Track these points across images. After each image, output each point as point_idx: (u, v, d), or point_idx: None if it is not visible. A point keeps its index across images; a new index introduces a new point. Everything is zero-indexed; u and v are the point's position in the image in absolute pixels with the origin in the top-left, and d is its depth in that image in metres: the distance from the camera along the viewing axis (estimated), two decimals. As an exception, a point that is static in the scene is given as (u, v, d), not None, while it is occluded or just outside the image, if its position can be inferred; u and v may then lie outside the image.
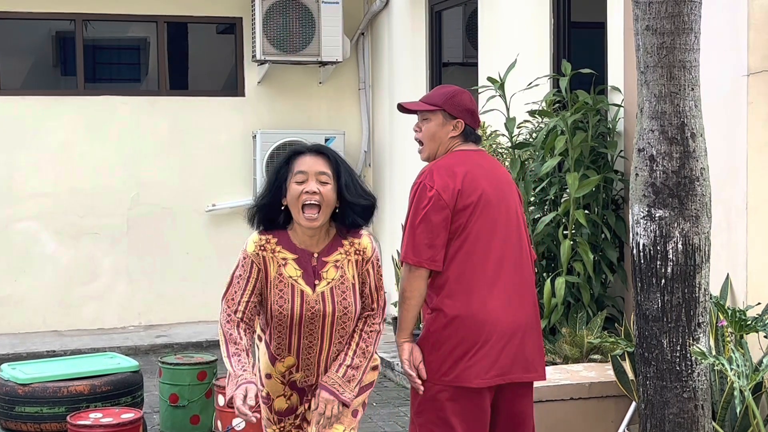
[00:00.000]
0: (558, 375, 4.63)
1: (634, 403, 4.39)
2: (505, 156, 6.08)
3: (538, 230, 5.58)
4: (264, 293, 3.43)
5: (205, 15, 9.51)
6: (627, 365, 4.45)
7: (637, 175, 3.72)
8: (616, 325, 5.49)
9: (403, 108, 3.93)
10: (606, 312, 5.46)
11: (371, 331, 3.50)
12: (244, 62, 9.53)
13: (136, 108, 9.24)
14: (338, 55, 9.22)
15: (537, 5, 6.57)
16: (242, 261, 3.41)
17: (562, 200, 5.66)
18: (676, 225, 3.63)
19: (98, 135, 9.14)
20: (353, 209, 3.38)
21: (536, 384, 4.45)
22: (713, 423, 3.86)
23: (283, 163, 3.42)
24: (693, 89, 3.64)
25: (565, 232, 5.59)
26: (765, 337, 4.18)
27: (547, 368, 4.85)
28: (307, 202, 3.31)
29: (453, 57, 8.85)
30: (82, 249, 9.16)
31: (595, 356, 5.11)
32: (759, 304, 4.43)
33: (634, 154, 3.74)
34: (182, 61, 10.04)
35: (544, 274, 5.72)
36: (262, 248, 3.39)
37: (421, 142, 3.88)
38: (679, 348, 3.67)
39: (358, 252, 3.43)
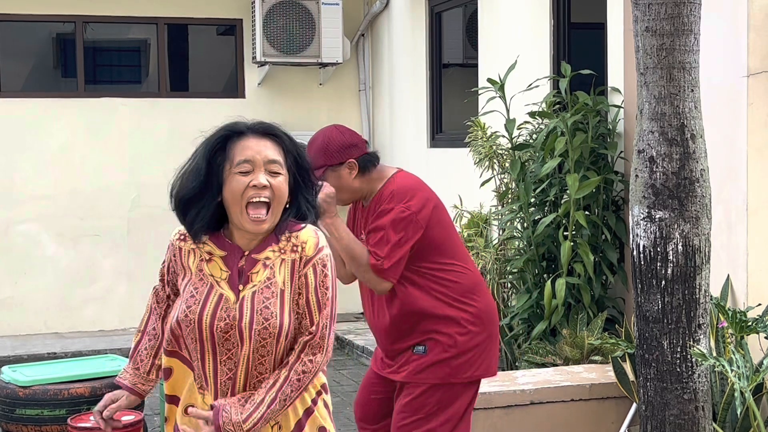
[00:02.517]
0: (558, 376, 4.63)
1: (634, 405, 4.39)
2: (505, 157, 6.08)
3: (539, 231, 5.58)
4: (176, 288, 2.76)
5: (205, 17, 9.51)
6: (627, 367, 4.45)
7: (637, 176, 3.71)
8: (616, 326, 5.49)
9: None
10: (606, 313, 5.46)
11: (303, 371, 2.60)
12: (244, 64, 9.54)
13: (136, 109, 9.24)
14: (338, 57, 9.22)
15: (537, 6, 6.57)
16: (167, 250, 2.80)
17: (563, 201, 5.66)
18: (676, 226, 3.63)
19: (99, 137, 9.14)
20: (307, 206, 2.68)
21: (537, 386, 4.46)
22: (714, 424, 3.86)
23: (216, 145, 2.64)
24: (693, 90, 3.64)
25: (565, 233, 5.59)
26: (765, 338, 4.18)
27: (547, 369, 4.88)
28: (254, 199, 2.56)
29: (453, 58, 8.85)
30: (83, 251, 9.16)
31: (596, 357, 5.11)
32: (759, 305, 4.43)
33: (634, 155, 3.74)
34: (182, 63, 10.05)
35: (545, 275, 5.72)
36: (183, 239, 2.71)
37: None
38: (679, 349, 3.67)
39: (295, 248, 2.62)
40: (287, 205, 2.65)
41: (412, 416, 3.82)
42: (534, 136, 5.89)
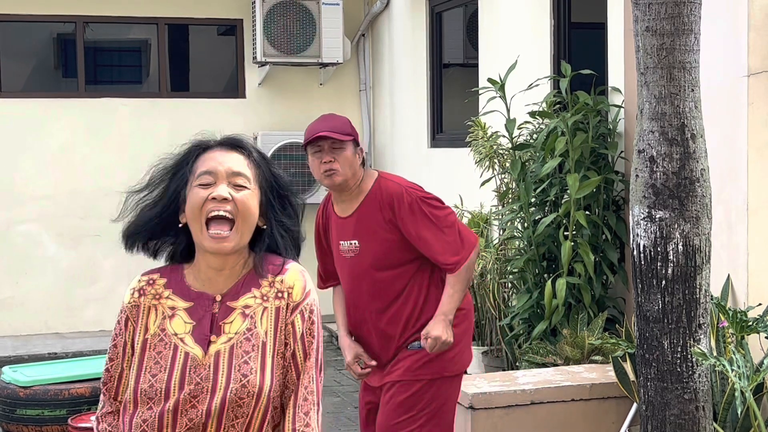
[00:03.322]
0: (559, 376, 4.63)
1: (635, 405, 4.39)
2: (505, 157, 6.08)
3: (539, 231, 5.58)
4: (133, 362, 2.30)
5: (205, 17, 9.52)
6: (628, 366, 4.45)
7: (637, 176, 3.71)
8: (617, 326, 5.49)
9: (314, 139, 3.91)
10: (607, 313, 5.46)
11: None
12: (244, 64, 9.54)
13: (136, 110, 9.24)
14: (339, 57, 9.22)
15: (537, 6, 6.57)
16: (117, 323, 2.36)
17: (563, 201, 5.66)
18: (676, 226, 3.63)
19: (99, 137, 9.14)
20: (281, 231, 2.36)
21: (538, 386, 4.46)
22: (714, 424, 3.86)
23: (181, 159, 2.37)
24: (693, 90, 3.63)
25: (565, 233, 5.59)
26: (766, 337, 4.18)
27: (548, 369, 4.88)
28: (213, 213, 2.25)
29: (453, 58, 8.85)
30: (84, 251, 9.17)
31: (596, 357, 5.11)
32: (760, 305, 4.43)
33: (634, 155, 3.74)
34: (183, 63, 10.05)
35: (545, 275, 5.72)
36: (142, 293, 2.35)
37: (331, 170, 3.87)
38: (679, 349, 3.67)
39: (280, 294, 2.30)
40: (261, 231, 2.33)
41: (407, 414, 3.84)
42: (534, 135, 5.89)
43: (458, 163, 7.43)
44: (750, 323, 3.92)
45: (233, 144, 2.38)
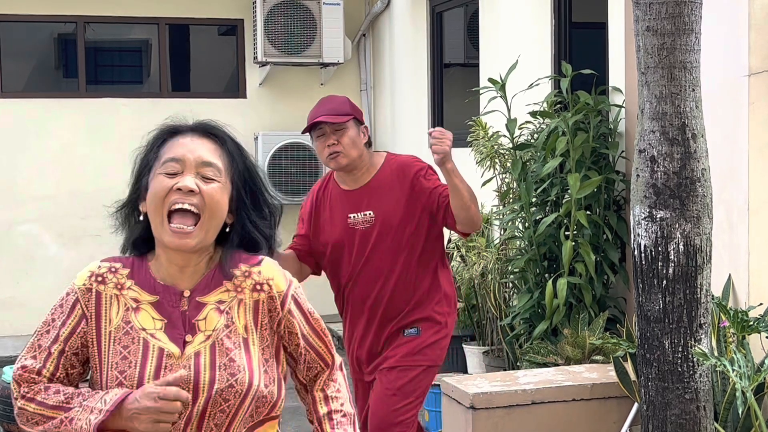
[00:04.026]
0: (560, 376, 4.62)
1: (636, 405, 4.39)
2: (506, 157, 6.08)
3: (540, 231, 5.58)
4: (92, 356, 2.10)
5: (206, 17, 9.52)
6: (629, 366, 4.45)
7: (638, 176, 3.71)
8: (618, 326, 5.48)
9: (314, 124, 3.94)
10: (608, 313, 5.46)
11: (344, 417, 2.25)
12: (245, 64, 9.54)
13: (137, 110, 9.24)
14: (339, 57, 9.22)
15: (538, 6, 6.57)
16: (60, 301, 2.18)
17: (564, 201, 5.66)
18: (677, 226, 3.63)
19: (100, 137, 9.14)
20: (253, 227, 2.17)
21: (539, 386, 4.45)
22: (715, 424, 3.86)
23: (150, 145, 2.24)
24: (694, 90, 3.63)
25: (566, 233, 5.59)
26: (767, 337, 4.18)
27: (549, 369, 4.88)
28: (176, 206, 2.06)
29: (454, 58, 8.85)
30: (84, 251, 9.16)
31: (597, 357, 5.10)
32: (761, 304, 4.42)
33: (635, 155, 3.73)
34: (184, 63, 10.05)
35: (546, 275, 5.71)
36: (101, 280, 2.14)
37: (335, 153, 3.92)
38: (680, 349, 3.66)
39: (258, 287, 2.14)
40: (229, 228, 2.14)
41: (406, 399, 3.90)
42: (535, 135, 5.89)
43: (459, 163, 7.40)
44: (751, 323, 3.91)
45: (206, 130, 2.20)
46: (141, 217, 2.15)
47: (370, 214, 3.93)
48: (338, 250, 4.01)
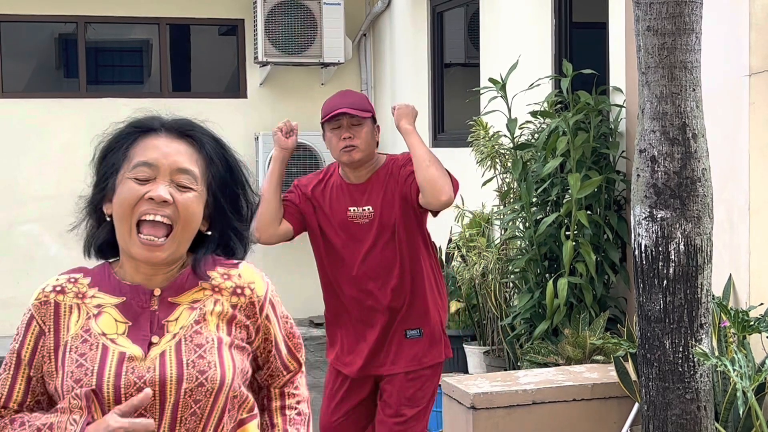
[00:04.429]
0: (560, 376, 4.62)
1: (636, 405, 4.39)
2: (507, 157, 6.08)
3: (540, 231, 5.58)
4: (48, 374, 1.93)
5: (207, 17, 9.52)
6: (630, 366, 4.45)
7: (638, 175, 3.71)
8: (618, 326, 5.48)
9: (334, 116, 3.94)
10: (608, 313, 5.46)
11: (298, 415, 2.13)
12: (246, 64, 9.54)
13: (138, 110, 9.22)
14: (340, 57, 9.22)
15: (538, 6, 6.57)
16: (19, 326, 2.05)
17: (564, 201, 5.65)
18: (677, 226, 3.63)
19: (101, 137, 9.14)
20: (232, 233, 2.02)
21: (539, 386, 4.45)
22: (716, 424, 3.86)
23: (118, 141, 2.03)
24: (694, 90, 3.63)
25: (567, 233, 5.59)
26: (767, 337, 4.17)
27: (549, 369, 4.87)
28: (147, 217, 1.89)
29: (455, 58, 8.85)
30: (85, 251, 9.17)
31: (598, 357, 5.10)
32: (762, 304, 4.42)
33: (636, 154, 3.73)
34: (184, 63, 10.05)
35: (547, 275, 5.71)
36: (59, 290, 1.97)
37: (350, 146, 3.91)
38: (681, 349, 3.66)
39: (239, 290, 1.99)
40: (205, 234, 1.98)
41: (417, 407, 3.89)
42: (536, 135, 5.89)
43: (460, 163, 7.42)
44: (752, 323, 3.91)
45: (183, 131, 1.99)
46: (107, 219, 1.95)
47: (369, 209, 3.93)
48: (334, 242, 3.98)
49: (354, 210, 3.94)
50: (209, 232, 2.00)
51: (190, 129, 2.01)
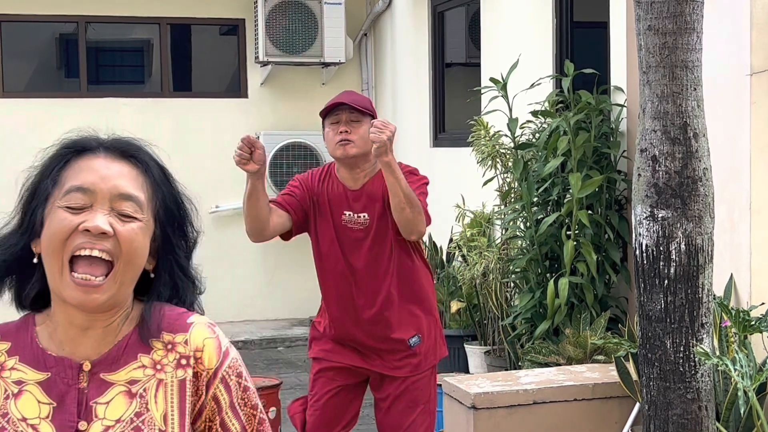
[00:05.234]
0: (561, 376, 4.62)
1: (637, 404, 4.38)
2: (508, 157, 6.07)
3: (541, 231, 5.57)
4: None
5: (207, 16, 9.52)
6: (631, 366, 4.44)
7: (639, 175, 3.71)
8: (619, 325, 5.48)
9: (333, 107, 3.92)
10: (609, 313, 5.45)
11: None
12: (246, 63, 9.54)
13: (139, 109, 9.24)
14: (341, 56, 9.22)
15: (539, 5, 6.56)
16: None
17: (565, 201, 5.65)
18: (678, 225, 3.62)
19: (101, 137, 9.14)
20: (181, 271, 1.67)
21: (540, 386, 4.45)
22: (717, 424, 3.85)
23: (47, 166, 1.68)
24: (695, 89, 3.63)
25: (568, 232, 5.58)
26: (769, 337, 4.17)
27: (550, 369, 4.87)
28: (82, 252, 1.56)
29: (456, 57, 8.85)
30: (86, 251, 9.17)
31: (599, 357, 5.10)
32: (763, 304, 4.42)
33: (637, 154, 3.73)
34: (185, 63, 10.06)
35: (548, 275, 5.71)
36: None
37: (346, 140, 3.87)
38: (682, 349, 3.66)
39: (184, 361, 1.62)
40: (150, 274, 1.64)
41: (418, 407, 3.92)
42: (537, 135, 5.89)
43: (460, 163, 7.43)
44: (753, 323, 3.91)
45: (125, 151, 1.65)
46: (35, 260, 1.61)
47: (365, 216, 3.90)
48: (329, 247, 3.96)
49: (348, 214, 3.92)
50: (153, 275, 1.65)
51: (134, 150, 1.66)
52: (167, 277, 1.65)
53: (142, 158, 1.66)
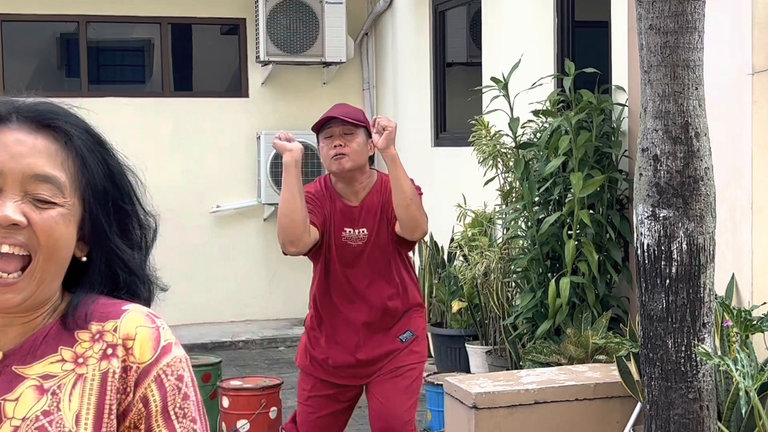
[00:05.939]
0: (563, 376, 4.62)
1: (639, 404, 4.38)
2: (509, 156, 6.07)
3: (543, 230, 5.57)
4: None
5: (208, 16, 9.52)
6: (632, 366, 4.44)
7: (641, 174, 3.70)
8: (621, 325, 5.47)
9: (326, 121, 3.93)
10: (611, 312, 5.45)
11: None
12: (247, 63, 9.54)
13: (140, 109, 9.24)
14: (342, 56, 9.21)
15: (540, 5, 6.56)
16: None
17: (567, 200, 5.65)
18: (680, 225, 3.62)
19: (102, 137, 9.14)
20: (120, 262, 1.40)
21: (542, 385, 4.45)
22: (719, 424, 3.85)
23: None
24: (697, 88, 3.62)
25: (569, 232, 5.58)
26: (770, 337, 4.17)
27: (551, 369, 4.87)
28: None
29: (457, 57, 8.84)
30: (87, 251, 9.17)
31: (600, 357, 5.09)
32: (764, 303, 4.41)
33: (638, 153, 3.73)
34: (186, 63, 10.05)
35: (549, 275, 5.70)
36: None
37: (340, 154, 3.87)
38: (684, 348, 3.65)
39: (109, 351, 1.36)
40: (80, 261, 1.39)
41: (413, 397, 4.03)
42: (538, 134, 5.88)
43: (462, 162, 7.42)
44: (754, 322, 3.90)
45: (42, 119, 1.39)
46: None
47: (363, 231, 3.91)
48: (330, 260, 3.99)
49: (348, 231, 3.93)
50: (84, 260, 1.39)
51: (52, 117, 1.40)
52: (103, 266, 1.39)
53: (63, 128, 1.40)
